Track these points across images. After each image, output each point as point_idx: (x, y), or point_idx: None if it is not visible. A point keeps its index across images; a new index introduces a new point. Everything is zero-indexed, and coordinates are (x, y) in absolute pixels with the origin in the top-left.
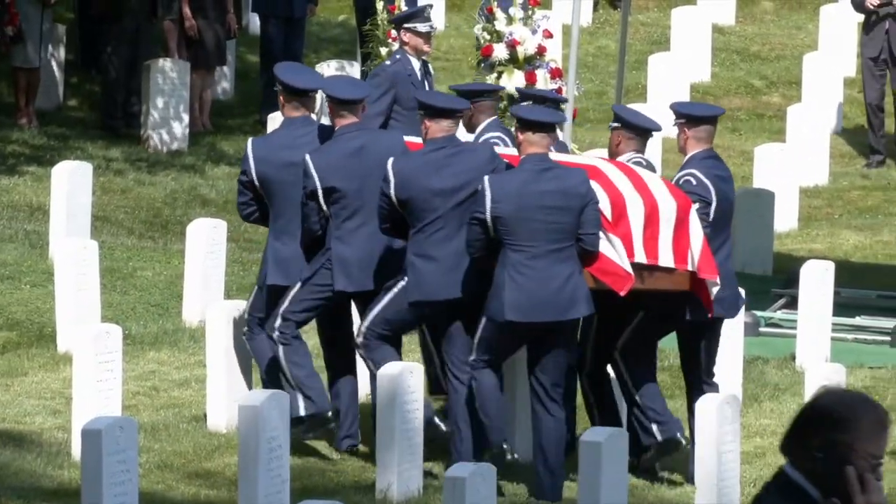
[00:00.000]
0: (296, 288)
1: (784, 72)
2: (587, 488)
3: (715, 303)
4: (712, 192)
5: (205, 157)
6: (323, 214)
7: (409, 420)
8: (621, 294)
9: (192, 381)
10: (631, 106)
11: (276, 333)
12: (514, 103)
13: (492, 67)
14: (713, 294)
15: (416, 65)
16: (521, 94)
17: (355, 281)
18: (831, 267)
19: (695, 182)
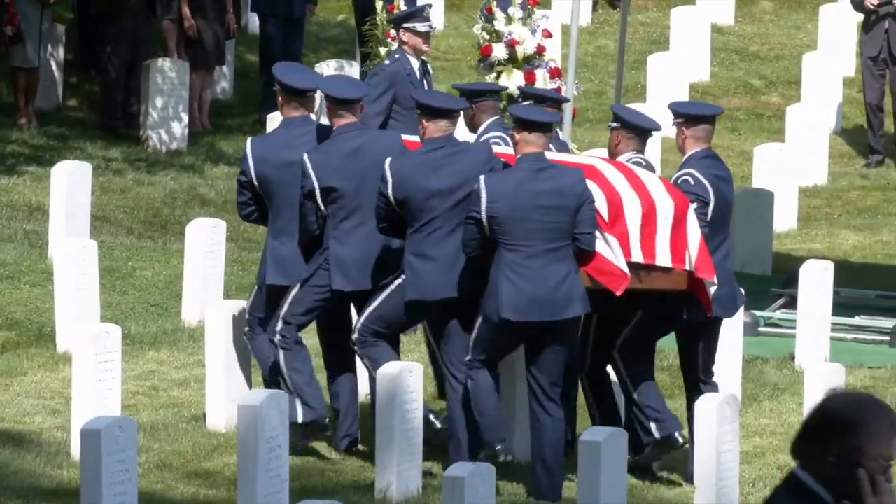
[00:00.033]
0: (295, 289)
1: (783, 71)
2: (586, 488)
3: (713, 302)
4: (710, 192)
5: (204, 156)
6: (321, 214)
7: (408, 420)
8: (617, 293)
9: (192, 381)
10: (630, 106)
11: (277, 338)
12: (513, 103)
13: (491, 67)
14: (711, 294)
15: (415, 64)
16: (522, 93)
17: (353, 281)
18: (830, 267)
19: (693, 182)
